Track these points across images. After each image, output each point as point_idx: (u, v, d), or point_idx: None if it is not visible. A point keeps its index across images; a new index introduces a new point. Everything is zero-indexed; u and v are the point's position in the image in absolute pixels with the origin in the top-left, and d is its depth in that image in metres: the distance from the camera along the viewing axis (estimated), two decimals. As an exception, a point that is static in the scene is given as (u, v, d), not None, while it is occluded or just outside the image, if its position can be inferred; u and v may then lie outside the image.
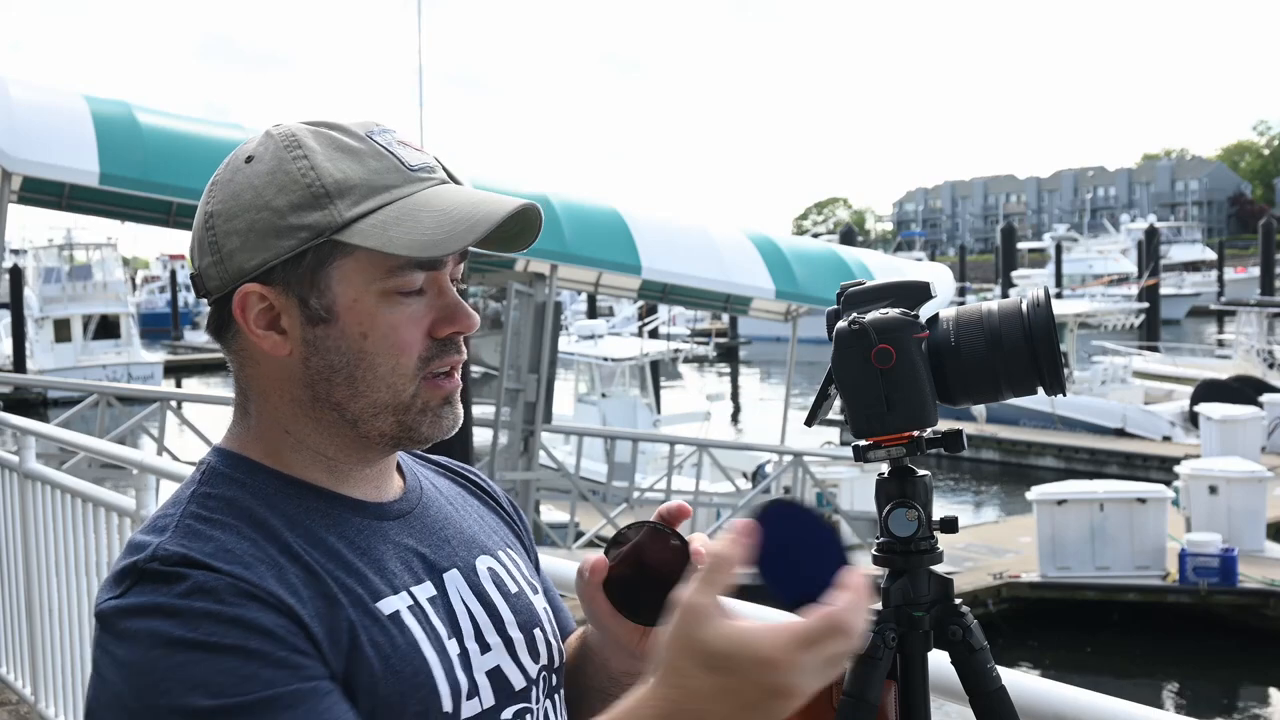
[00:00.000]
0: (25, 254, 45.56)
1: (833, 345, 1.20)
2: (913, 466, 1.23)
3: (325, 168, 1.06)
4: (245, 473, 1.10)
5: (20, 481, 4.58)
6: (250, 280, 1.07)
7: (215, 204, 1.09)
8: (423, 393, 1.10)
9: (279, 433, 1.11)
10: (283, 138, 1.09)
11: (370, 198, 1.06)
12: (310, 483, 1.11)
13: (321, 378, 1.08)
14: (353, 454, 1.12)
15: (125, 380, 34.08)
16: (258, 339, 1.08)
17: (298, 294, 1.07)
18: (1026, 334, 1.16)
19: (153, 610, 0.97)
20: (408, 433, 1.10)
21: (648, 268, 12.57)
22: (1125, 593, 13.61)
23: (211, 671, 0.94)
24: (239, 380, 1.13)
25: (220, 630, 0.95)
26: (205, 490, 1.08)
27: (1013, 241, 49.48)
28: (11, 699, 4.88)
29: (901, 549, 1.23)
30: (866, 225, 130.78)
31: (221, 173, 1.11)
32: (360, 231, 1.05)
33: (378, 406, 1.08)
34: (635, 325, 29.40)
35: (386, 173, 1.08)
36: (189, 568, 0.99)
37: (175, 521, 1.05)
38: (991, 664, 1.26)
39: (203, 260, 1.10)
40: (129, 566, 1.01)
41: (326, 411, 1.09)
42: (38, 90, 10.49)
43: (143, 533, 1.05)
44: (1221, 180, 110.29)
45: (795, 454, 14.11)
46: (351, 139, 1.09)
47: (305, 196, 1.06)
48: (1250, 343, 31.16)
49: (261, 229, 1.06)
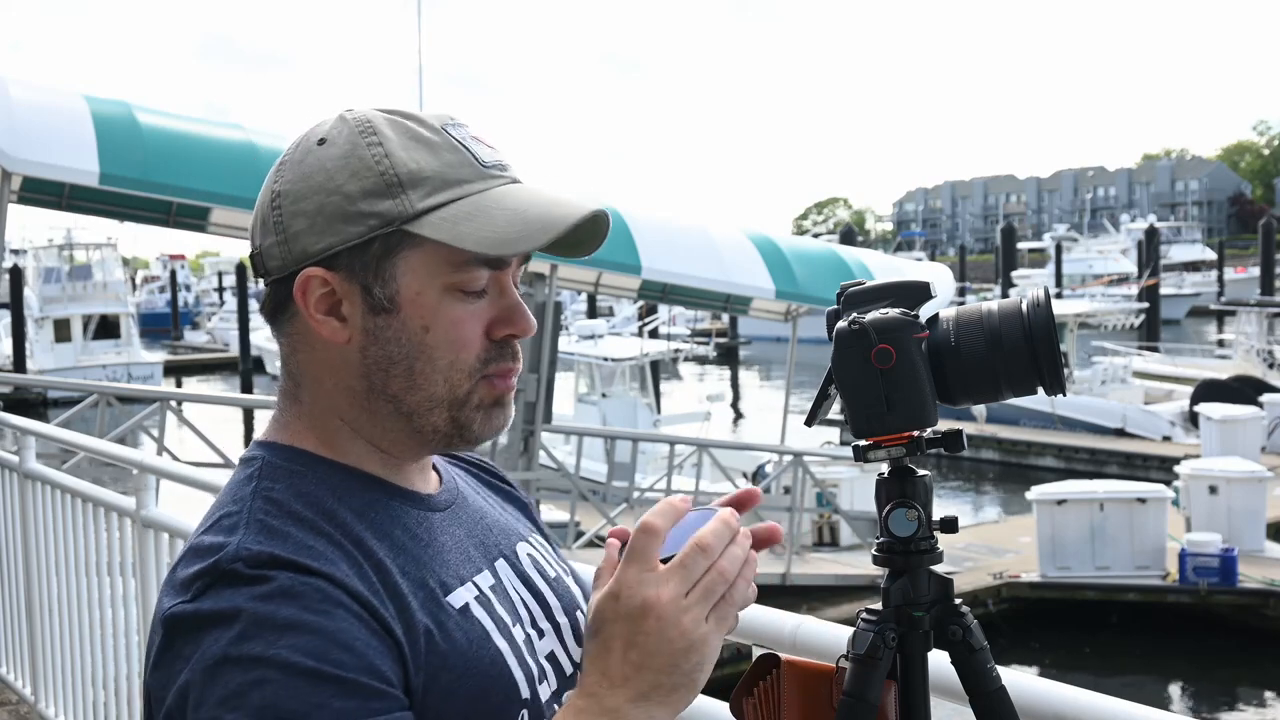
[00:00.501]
0: (25, 254, 45.59)
1: (833, 345, 1.20)
2: (913, 466, 1.22)
3: (400, 156, 1.05)
4: (304, 464, 1.07)
5: (20, 481, 4.58)
6: (314, 263, 1.05)
7: (284, 183, 1.07)
8: (479, 390, 1.08)
9: (334, 421, 1.09)
10: (358, 123, 1.07)
11: (443, 190, 1.05)
12: (369, 473, 1.09)
13: (379, 368, 1.06)
14: (405, 448, 1.10)
15: (125, 380, 34.08)
16: (316, 324, 1.06)
17: (361, 281, 1.05)
18: (1026, 334, 1.16)
19: (231, 617, 0.93)
20: (460, 430, 1.08)
21: (648, 268, 12.57)
22: (1125, 593, 13.62)
23: (280, 694, 0.90)
24: (289, 365, 1.11)
25: (300, 645, 0.92)
26: (267, 485, 1.04)
27: (1013, 241, 49.47)
28: (11, 699, 4.88)
29: (901, 549, 1.23)
30: (866, 225, 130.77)
31: (292, 153, 1.09)
32: (431, 224, 1.03)
33: (434, 401, 1.07)
34: (635, 325, 29.39)
35: (460, 167, 1.06)
36: (275, 568, 0.95)
37: (245, 519, 1.01)
38: (991, 664, 1.26)
39: (265, 239, 1.08)
40: (207, 568, 0.96)
41: (382, 403, 1.07)
42: (38, 90, 10.48)
43: (208, 534, 1.01)
44: (1221, 180, 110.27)
45: (795, 454, 14.10)
46: (427, 130, 1.07)
47: (378, 184, 1.04)
48: (1250, 343, 31.15)
49: (330, 212, 1.04)
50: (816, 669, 1.26)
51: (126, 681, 4.01)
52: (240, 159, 10.47)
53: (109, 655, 4.12)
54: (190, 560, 0.99)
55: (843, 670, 1.22)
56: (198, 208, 10.97)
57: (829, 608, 12.56)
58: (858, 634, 1.23)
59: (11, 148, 9.38)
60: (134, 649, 3.94)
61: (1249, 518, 14.34)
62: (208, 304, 71.47)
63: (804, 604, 12.49)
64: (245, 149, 10.61)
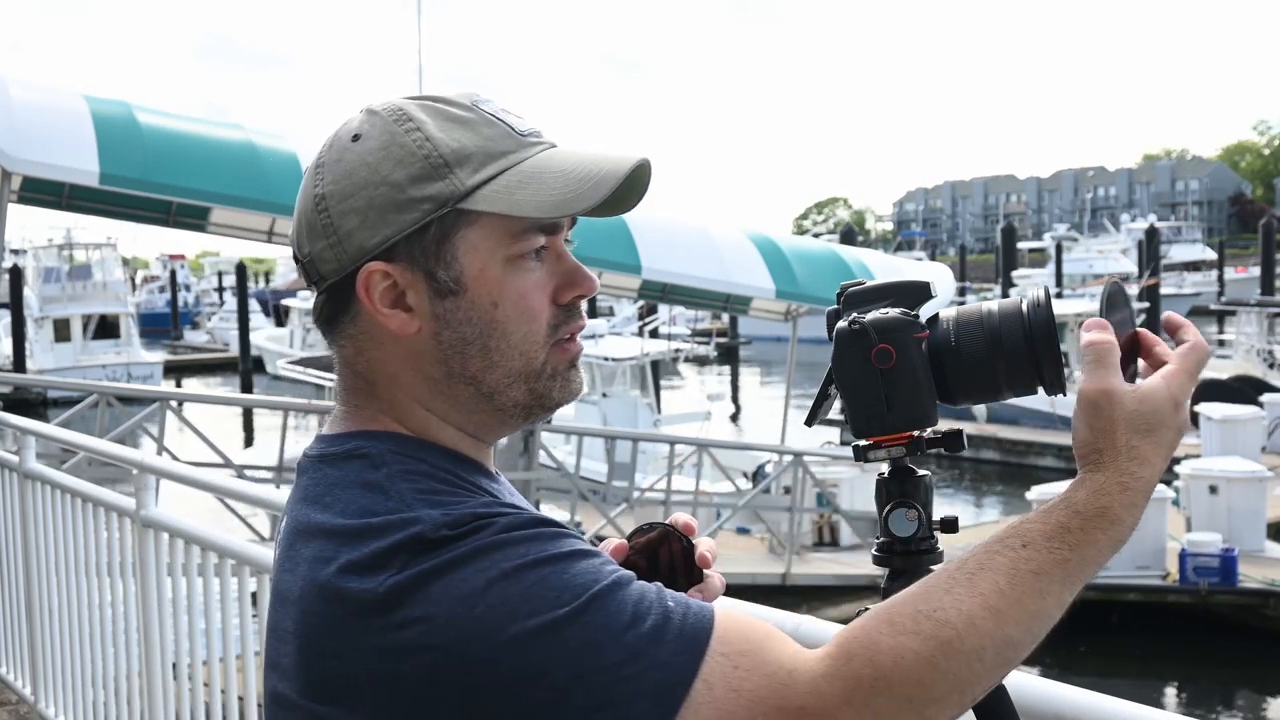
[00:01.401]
0: (25, 254, 45.58)
1: (833, 345, 1.19)
2: (913, 466, 1.22)
3: (440, 138, 1.05)
4: (415, 449, 1.06)
5: (20, 481, 4.59)
6: (372, 259, 1.04)
7: (326, 185, 1.06)
8: (552, 358, 1.09)
9: (420, 411, 1.08)
10: (389, 113, 1.07)
11: (489, 164, 1.05)
12: (468, 455, 1.09)
13: (455, 351, 1.06)
14: (488, 428, 1.10)
15: (125, 380, 34.06)
16: (385, 319, 1.05)
17: (423, 268, 1.05)
18: (1027, 334, 1.16)
19: (468, 556, 0.93)
20: (539, 400, 1.09)
21: (648, 267, 12.55)
22: (1125, 593, 13.61)
23: (562, 576, 0.93)
24: (356, 366, 1.09)
25: (548, 540, 0.95)
26: (400, 468, 1.02)
27: (1013, 241, 49.47)
28: (11, 699, 4.88)
29: (902, 549, 1.22)
30: (866, 225, 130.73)
31: (326, 154, 1.08)
32: (485, 198, 1.04)
33: (512, 375, 1.07)
34: (635, 325, 29.37)
35: (500, 139, 1.06)
36: (477, 519, 0.96)
37: (408, 502, 0.99)
38: (992, 664, 1.26)
39: (314, 245, 1.07)
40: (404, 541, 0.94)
41: (462, 386, 1.07)
42: (38, 90, 10.47)
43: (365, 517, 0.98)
44: (1221, 180, 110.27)
45: (795, 454, 14.10)
46: (458, 109, 1.07)
47: (424, 168, 1.04)
48: (1250, 343, 31.14)
49: (381, 204, 1.04)
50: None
51: (126, 681, 4.01)
52: (240, 159, 10.47)
53: (109, 655, 4.11)
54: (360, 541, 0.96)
55: None
56: (198, 208, 10.96)
57: (829, 608, 12.55)
58: (858, 634, 1.23)
59: (11, 148, 9.37)
60: (134, 649, 3.94)
61: (1249, 518, 14.33)
62: (208, 304, 71.46)
63: (804, 604, 12.48)
64: (245, 149, 10.61)
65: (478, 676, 0.91)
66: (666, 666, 0.92)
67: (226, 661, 3.48)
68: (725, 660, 0.94)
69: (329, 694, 0.97)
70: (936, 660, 0.94)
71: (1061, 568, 1.00)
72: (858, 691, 0.94)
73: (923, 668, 0.94)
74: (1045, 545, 1.00)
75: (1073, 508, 1.03)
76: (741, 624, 0.97)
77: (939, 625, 0.95)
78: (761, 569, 13.78)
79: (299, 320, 42.95)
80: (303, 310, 43.28)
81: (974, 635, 0.96)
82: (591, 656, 0.91)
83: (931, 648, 0.95)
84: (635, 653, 0.92)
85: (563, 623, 0.91)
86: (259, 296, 64.90)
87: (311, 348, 38.13)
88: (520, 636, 0.91)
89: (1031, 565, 0.99)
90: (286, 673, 1.01)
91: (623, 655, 0.91)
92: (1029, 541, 1.01)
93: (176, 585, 3.65)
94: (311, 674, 0.98)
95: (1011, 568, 0.99)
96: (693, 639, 0.94)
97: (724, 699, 0.93)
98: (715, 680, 0.93)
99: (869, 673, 0.94)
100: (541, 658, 0.91)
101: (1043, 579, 0.99)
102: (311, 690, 0.98)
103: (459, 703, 0.92)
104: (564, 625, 0.91)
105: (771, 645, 0.96)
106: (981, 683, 0.97)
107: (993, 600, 0.97)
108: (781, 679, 0.94)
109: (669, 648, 0.93)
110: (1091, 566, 1.01)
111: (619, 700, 0.91)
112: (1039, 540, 1.01)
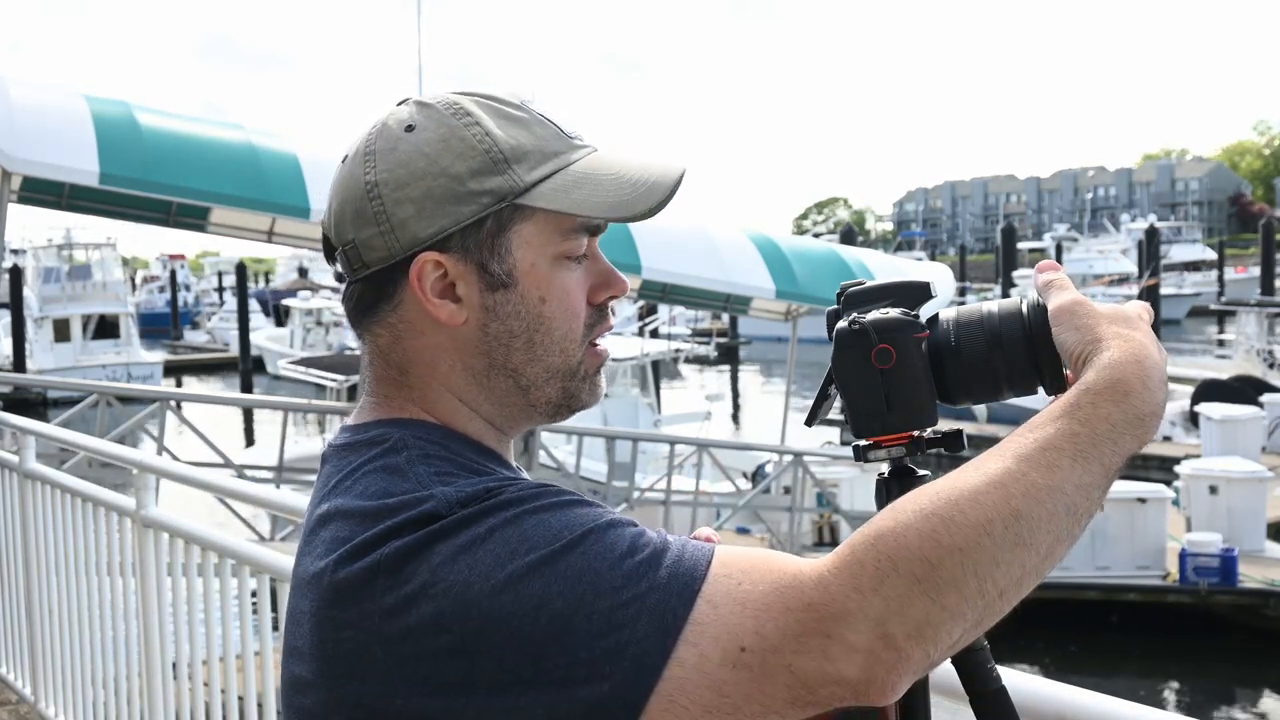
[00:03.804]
0: (25, 254, 45.58)
1: (833, 345, 1.19)
2: (913, 466, 1.22)
3: (498, 134, 1.07)
4: (439, 436, 1.08)
5: (20, 481, 4.59)
6: (426, 248, 1.06)
7: (380, 173, 1.07)
8: (586, 360, 1.12)
9: (452, 401, 1.10)
10: (445, 106, 1.09)
11: (545, 163, 1.08)
12: (491, 448, 1.11)
13: (500, 343, 1.08)
14: (516, 421, 1.13)
15: (125, 380, 34.06)
16: (434, 308, 1.07)
17: (476, 260, 1.07)
18: (1027, 334, 1.16)
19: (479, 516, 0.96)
20: (569, 399, 1.12)
21: (648, 268, 12.55)
22: (1125, 593, 13.61)
23: (563, 517, 0.96)
24: (391, 355, 1.10)
25: (546, 494, 0.98)
26: (419, 453, 1.04)
27: (1013, 241, 49.44)
28: (11, 699, 4.88)
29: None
30: (866, 225, 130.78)
31: (377, 142, 1.08)
32: (543, 195, 1.06)
33: (550, 371, 1.10)
34: (636, 325, 29.37)
35: (553, 139, 1.09)
36: (493, 491, 0.98)
37: (425, 483, 1.01)
38: (991, 664, 1.26)
39: (361, 232, 1.07)
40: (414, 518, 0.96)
41: (502, 378, 1.10)
42: (38, 90, 10.47)
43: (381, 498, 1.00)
44: (1221, 180, 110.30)
45: (795, 454, 14.10)
46: (512, 108, 1.10)
47: (485, 162, 1.06)
48: (1250, 343, 31.13)
49: (440, 195, 1.06)
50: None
51: (126, 681, 4.01)
52: (240, 159, 10.47)
53: (109, 655, 4.11)
54: (375, 521, 0.98)
55: None
56: (198, 207, 10.96)
57: (829, 608, 12.55)
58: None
59: (11, 148, 9.37)
60: (134, 649, 3.94)
61: (1249, 518, 14.33)
62: (207, 304, 71.48)
63: (804, 604, 12.47)
64: (245, 149, 10.61)
65: (479, 618, 0.92)
66: (666, 589, 0.93)
67: (226, 661, 3.48)
68: (728, 579, 0.94)
69: (346, 668, 0.97)
70: (940, 535, 0.92)
71: (1071, 440, 0.98)
72: (863, 576, 0.92)
73: (926, 544, 0.92)
74: (1052, 422, 0.99)
75: (1083, 385, 1.01)
76: (743, 551, 0.98)
77: (940, 502, 0.94)
78: (761, 569, 13.76)
79: (299, 320, 42.97)
80: (303, 310, 43.27)
81: (977, 508, 0.94)
82: (590, 584, 0.92)
83: (934, 524, 0.93)
84: (634, 577, 0.93)
85: (559, 554, 0.93)
86: (259, 296, 64.91)
87: (311, 348, 38.12)
88: (518, 570, 0.92)
89: (1037, 441, 0.98)
90: (303, 654, 1.01)
91: (620, 580, 0.93)
92: (1036, 425, 1.00)
93: (176, 585, 3.65)
94: (328, 649, 0.98)
95: (1017, 447, 0.98)
96: (693, 564, 0.95)
97: (729, 613, 0.92)
98: (718, 598, 0.93)
99: (872, 556, 0.92)
100: (540, 589, 0.92)
101: (1049, 452, 0.97)
102: (328, 666, 0.98)
103: (465, 647, 0.92)
104: (560, 556, 0.93)
105: (774, 559, 0.96)
106: (998, 566, 0.93)
107: (996, 475, 0.95)
108: (786, 582, 0.93)
109: (668, 571, 0.94)
110: (1105, 444, 0.99)
111: (621, 624, 0.91)
112: (1044, 420, 1.00)
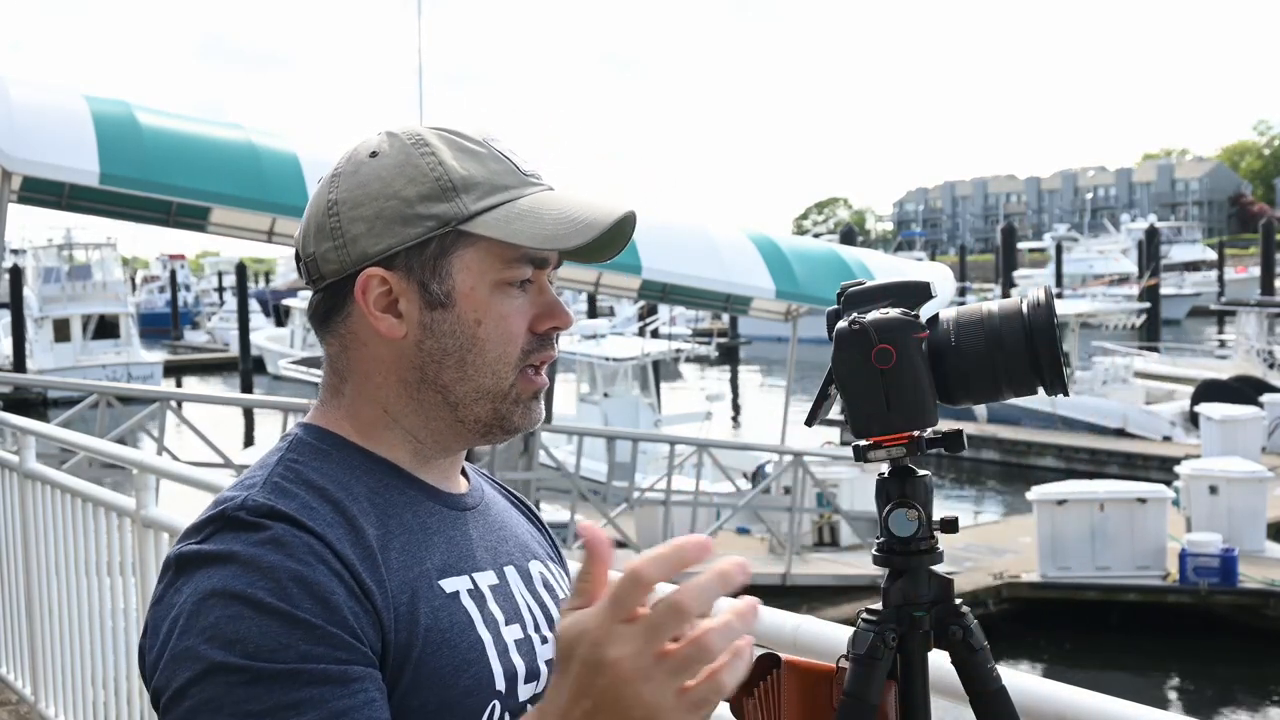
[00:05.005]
0: (25, 254, 45.55)
1: (833, 345, 1.20)
2: (913, 466, 1.22)
3: (451, 164, 1.14)
4: (332, 446, 1.15)
5: (20, 481, 4.59)
6: (373, 264, 1.13)
7: (340, 193, 1.15)
8: (519, 384, 1.16)
9: (376, 411, 1.16)
10: (408, 136, 1.16)
11: (492, 195, 1.14)
12: (394, 463, 1.16)
13: (433, 360, 1.14)
14: (443, 439, 1.17)
15: (125, 380, 34.04)
16: (375, 320, 1.13)
17: (419, 279, 1.13)
18: (1027, 334, 1.16)
19: (225, 558, 1.01)
20: (500, 421, 1.17)
21: (648, 268, 12.55)
22: (1125, 593, 13.62)
23: (253, 630, 0.97)
24: (337, 363, 1.18)
25: (278, 590, 0.99)
26: (293, 456, 1.13)
27: (1013, 241, 49.43)
28: (11, 699, 4.88)
29: (902, 549, 1.23)
30: (866, 225, 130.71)
31: (343, 165, 1.17)
32: (486, 223, 1.12)
33: (480, 392, 1.15)
34: (636, 325, 29.37)
35: (505, 174, 1.16)
36: (272, 519, 1.04)
37: (264, 480, 1.09)
38: (992, 664, 1.26)
39: (320, 246, 1.15)
40: (216, 515, 1.06)
41: (431, 393, 1.15)
42: (38, 90, 10.46)
43: (230, 490, 1.10)
44: (1221, 180, 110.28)
45: (795, 454, 14.09)
46: (471, 143, 1.17)
47: (434, 188, 1.13)
48: (1250, 343, 31.10)
49: (389, 216, 1.13)
50: (817, 669, 1.26)
51: (126, 681, 4.01)
52: (240, 159, 10.46)
53: (109, 655, 4.11)
54: (207, 510, 1.09)
55: (843, 670, 1.23)
56: (198, 207, 10.95)
57: (829, 608, 12.56)
58: (858, 634, 1.23)
59: (11, 148, 9.36)
60: (134, 649, 3.94)
61: (1249, 518, 14.34)
62: (208, 304, 71.40)
63: (804, 604, 12.48)
64: (245, 149, 10.60)
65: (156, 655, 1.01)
66: None
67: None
68: None
69: (146, 668, 1.04)
70: None
71: None
72: None
73: None
74: None
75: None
76: None
77: None
78: (761, 569, 13.77)
79: (299, 320, 42.90)
80: (303, 310, 43.16)
81: None
82: (208, 713, 0.96)
83: None
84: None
85: (215, 670, 0.97)
86: (259, 296, 64.86)
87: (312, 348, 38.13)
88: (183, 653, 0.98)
89: None
90: None
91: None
92: None
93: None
94: (144, 652, 1.05)
95: None
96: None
97: None
98: None
99: None
100: (181, 680, 0.98)
101: None
102: (146, 670, 1.05)
103: (148, 672, 1.02)
104: (214, 673, 0.97)
105: None
106: None
107: None
108: None
109: None
110: None
111: None
112: None
